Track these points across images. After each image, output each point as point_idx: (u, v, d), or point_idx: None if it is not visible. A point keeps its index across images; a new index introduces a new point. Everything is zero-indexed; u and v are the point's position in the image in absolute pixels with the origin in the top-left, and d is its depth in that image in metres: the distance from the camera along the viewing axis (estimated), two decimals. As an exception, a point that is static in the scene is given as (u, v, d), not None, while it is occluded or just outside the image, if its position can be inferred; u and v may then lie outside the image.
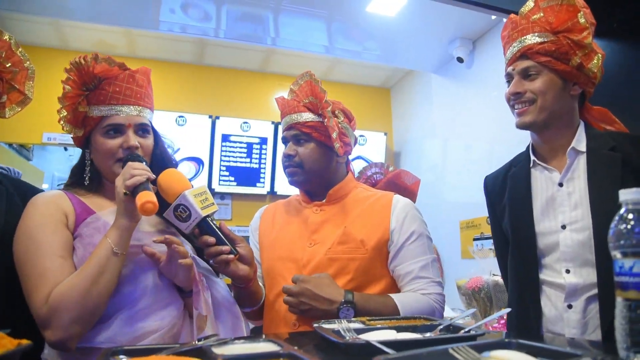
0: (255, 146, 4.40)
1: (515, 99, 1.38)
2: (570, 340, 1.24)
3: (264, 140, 4.42)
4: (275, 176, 4.40)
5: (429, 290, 1.43)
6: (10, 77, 1.37)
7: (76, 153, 4.51)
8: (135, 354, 0.81)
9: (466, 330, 1.00)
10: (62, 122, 1.32)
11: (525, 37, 1.36)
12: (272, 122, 4.40)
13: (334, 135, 1.43)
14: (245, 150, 4.38)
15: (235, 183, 4.31)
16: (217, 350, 0.81)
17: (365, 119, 4.73)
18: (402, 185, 2.31)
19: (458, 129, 3.94)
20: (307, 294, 1.32)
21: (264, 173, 4.40)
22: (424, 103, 4.48)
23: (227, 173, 4.30)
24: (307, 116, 1.50)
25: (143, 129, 1.33)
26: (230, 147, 4.35)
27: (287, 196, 1.71)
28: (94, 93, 1.29)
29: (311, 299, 1.32)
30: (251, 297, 1.44)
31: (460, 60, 3.68)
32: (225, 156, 4.33)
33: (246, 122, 4.39)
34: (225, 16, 3.47)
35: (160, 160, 1.38)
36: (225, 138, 4.33)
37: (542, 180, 1.40)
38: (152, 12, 3.40)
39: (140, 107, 1.33)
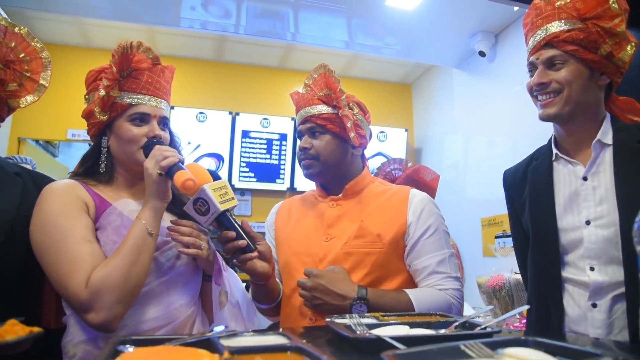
0: (275, 142, 4.41)
1: (539, 89, 1.32)
2: (594, 340, 1.19)
3: (283, 137, 4.42)
4: (295, 172, 4.40)
5: (446, 286, 1.40)
6: (24, 67, 1.40)
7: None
8: (143, 344, 0.80)
9: (482, 327, 0.97)
10: (96, 102, 1.30)
11: (550, 24, 1.29)
12: (292, 119, 4.39)
13: (349, 124, 1.42)
14: (265, 146, 4.39)
15: (255, 179, 4.33)
16: (225, 342, 0.80)
17: (386, 115, 4.69)
18: (422, 181, 2.34)
19: (480, 124, 3.87)
20: (320, 288, 1.31)
21: (284, 169, 4.40)
22: (446, 99, 4.41)
23: (247, 169, 4.32)
24: (322, 108, 1.49)
25: (164, 123, 1.36)
26: (250, 143, 4.37)
27: (307, 192, 1.71)
28: (127, 80, 1.31)
29: (324, 293, 1.31)
30: (269, 294, 1.44)
31: (482, 54, 3.60)
32: (245, 152, 4.35)
33: (266, 118, 4.40)
34: (245, 12, 3.49)
35: None
36: (245, 134, 4.36)
37: (565, 174, 1.35)
38: (173, 9, 3.43)
39: (164, 102, 1.36)
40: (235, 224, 1.24)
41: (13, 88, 1.39)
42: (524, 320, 2.18)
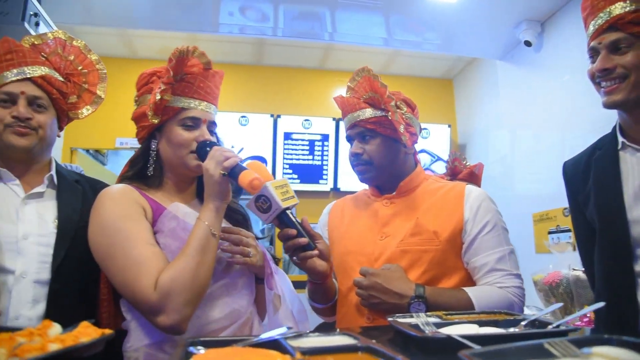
0: (317, 143, 4.41)
1: (602, 75, 1.25)
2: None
3: (325, 137, 4.42)
4: (337, 173, 4.39)
5: (507, 284, 1.35)
6: (82, 79, 1.45)
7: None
8: (212, 345, 0.80)
9: (555, 325, 0.93)
10: (150, 105, 1.30)
11: (613, 6, 1.22)
12: (333, 119, 4.40)
13: (401, 129, 1.39)
14: (307, 147, 4.40)
15: (298, 180, 4.33)
16: (293, 343, 0.79)
17: (428, 111, 4.61)
18: (479, 176, 2.62)
19: (527, 117, 3.74)
20: (376, 287, 1.29)
21: (327, 170, 4.40)
22: (489, 92, 4.29)
23: (290, 171, 4.34)
24: (369, 112, 1.46)
25: (212, 127, 1.36)
26: (293, 144, 4.39)
27: (350, 192, 1.70)
28: (180, 84, 1.31)
29: (381, 292, 1.29)
30: (326, 293, 1.44)
31: (528, 44, 3.47)
32: (287, 154, 4.37)
33: (307, 120, 4.41)
34: (282, 15, 3.51)
35: None
36: (287, 136, 4.38)
37: (633, 163, 1.27)
38: (212, 16, 3.48)
39: (213, 106, 1.37)
40: (295, 222, 1.23)
41: (73, 100, 1.44)
42: (586, 319, 2.09)
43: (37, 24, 2.38)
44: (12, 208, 1.28)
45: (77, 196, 1.40)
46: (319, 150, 4.41)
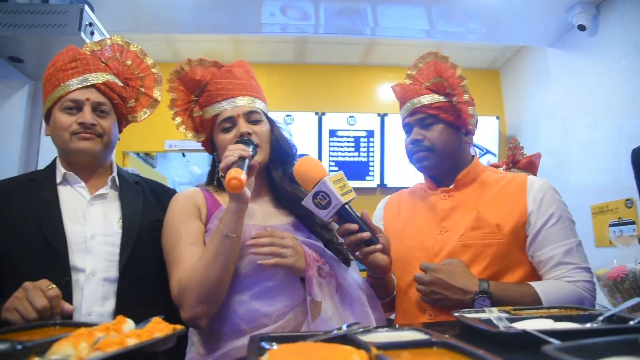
0: (362, 139, 4.39)
1: None
2: None
3: (370, 133, 4.39)
4: (384, 169, 4.35)
5: (576, 278, 1.29)
6: (139, 83, 1.49)
7: (192, 158, 4.81)
8: (282, 341, 0.80)
9: (637, 321, 0.87)
10: (182, 129, 1.43)
11: None
12: (378, 114, 4.36)
13: (470, 110, 1.35)
14: (352, 144, 4.38)
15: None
16: (364, 338, 0.78)
17: (475, 103, 4.50)
18: (537, 165, 2.69)
19: (581, 106, 3.57)
20: (439, 283, 1.26)
21: (373, 166, 4.37)
22: (539, 81, 4.14)
23: (335, 168, 4.33)
24: (432, 97, 1.43)
25: (253, 117, 1.35)
26: (338, 141, 4.38)
27: (398, 188, 1.68)
28: (203, 97, 1.37)
29: (443, 288, 1.25)
30: (386, 288, 1.42)
31: (582, 28, 3.30)
32: (333, 151, 4.37)
33: (352, 116, 4.40)
34: (323, 12, 3.50)
35: (277, 146, 1.39)
36: (332, 133, 4.38)
37: None
38: (254, 17, 3.52)
39: (245, 97, 1.36)
40: (355, 216, 1.20)
41: (132, 104, 1.49)
42: (656, 315, 1.98)
43: (92, 33, 2.48)
44: (79, 209, 1.34)
45: (137, 197, 1.44)
46: (364, 147, 4.38)
